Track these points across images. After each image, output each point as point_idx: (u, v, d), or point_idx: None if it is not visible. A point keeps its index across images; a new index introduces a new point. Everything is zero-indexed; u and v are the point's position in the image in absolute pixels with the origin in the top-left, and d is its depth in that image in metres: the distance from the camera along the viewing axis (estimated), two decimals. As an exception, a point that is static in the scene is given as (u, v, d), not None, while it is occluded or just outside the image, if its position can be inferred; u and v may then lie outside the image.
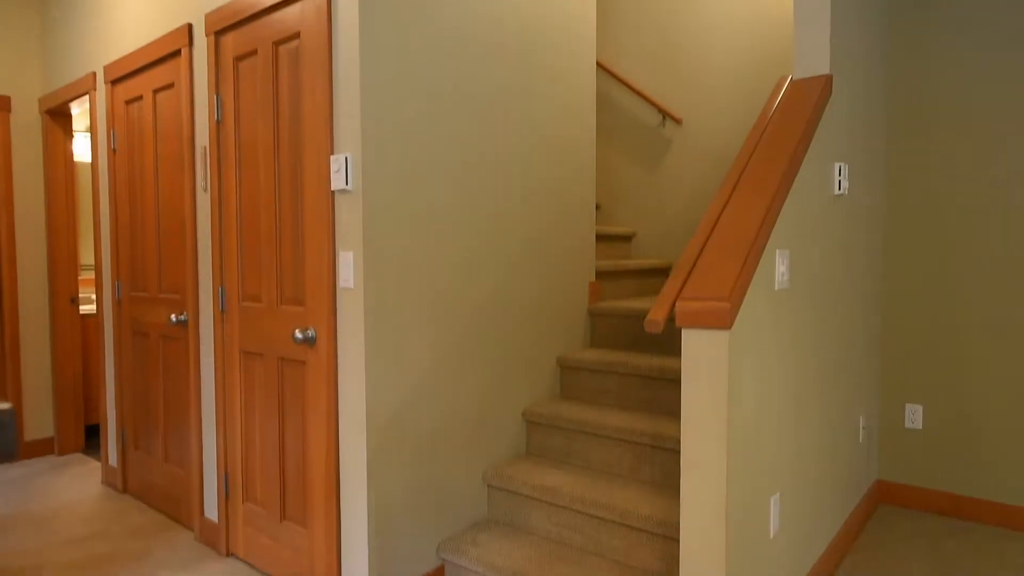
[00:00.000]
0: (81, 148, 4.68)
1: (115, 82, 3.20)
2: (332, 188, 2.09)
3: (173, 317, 2.83)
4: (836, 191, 2.33)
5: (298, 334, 2.18)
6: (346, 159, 2.03)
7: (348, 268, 2.07)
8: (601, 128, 4.13)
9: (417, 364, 2.21)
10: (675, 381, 2.51)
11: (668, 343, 2.77)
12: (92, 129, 3.42)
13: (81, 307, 4.40)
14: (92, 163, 3.44)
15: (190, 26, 2.66)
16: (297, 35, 2.20)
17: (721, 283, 1.63)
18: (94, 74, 3.34)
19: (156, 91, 2.94)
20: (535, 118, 2.66)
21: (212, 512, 2.73)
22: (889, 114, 2.94)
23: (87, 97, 3.47)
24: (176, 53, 2.78)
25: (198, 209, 2.72)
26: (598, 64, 4.00)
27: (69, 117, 3.93)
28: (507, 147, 2.53)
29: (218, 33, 2.52)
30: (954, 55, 2.78)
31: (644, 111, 3.96)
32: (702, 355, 1.63)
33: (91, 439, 4.31)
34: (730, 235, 1.77)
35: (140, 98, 3.05)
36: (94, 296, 4.66)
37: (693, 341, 1.65)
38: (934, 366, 2.87)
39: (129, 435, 3.29)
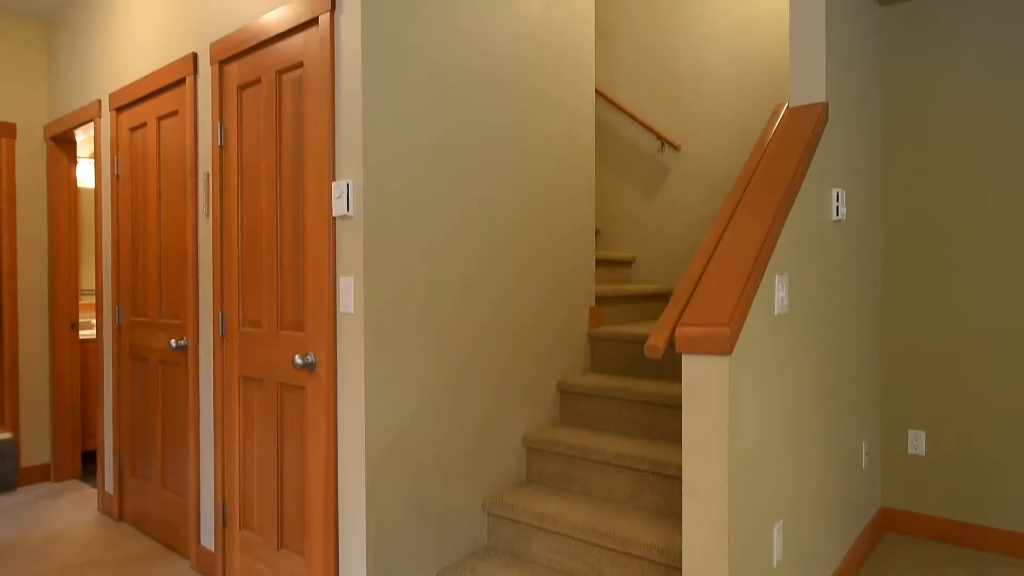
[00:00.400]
0: (84, 174, 4.71)
1: (120, 109, 3.24)
2: (333, 214, 2.10)
3: (173, 342, 2.83)
4: (834, 216, 2.35)
5: (298, 359, 2.18)
6: (348, 185, 2.05)
7: (348, 293, 2.07)
8: (601, 154, 4.17)
9: (417, 389, 2.20)
10: (676, 407, 2.50)
11: (668, 368, 2.76)
12: (96, 155, 3.45)
13: (81, 332, 4.40)
14: (95, 189, 3.46)
15: (195, 55, 2.70)
16: (300, 64, 2.24)
17: (721, 308, 1.63)
18: (99, 101, 3.38)
19: (160, 118, 2.97)
20: (535, 145, 2.69)
21: (209, 540, 2.70)
22: (887, 136, 2.97)
23: (92, 124, 3.51)
24: (181, 81, 2.82)
25: (200, 234, 2.74)
26: (598, 92, 4.05)
27: (73, 143, 3.97)
28: (507, 173, 2.55)
29: (223, 62, 2.56)
30: (950, 73, 2.82)
31: (643, 138, 4.00)
32: (702, 381, 1.63)
33: (87, 466, 4.27)
34: (729, 260, 1.78)
35: (144, 125, 3.08)
36: (94, 321, 4.65)
37: (693, 367, 1.65)
38: (936, 391, 2.86)
39: (126, 462, 3.26)
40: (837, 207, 2.36)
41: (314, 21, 2.16)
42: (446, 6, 2.28)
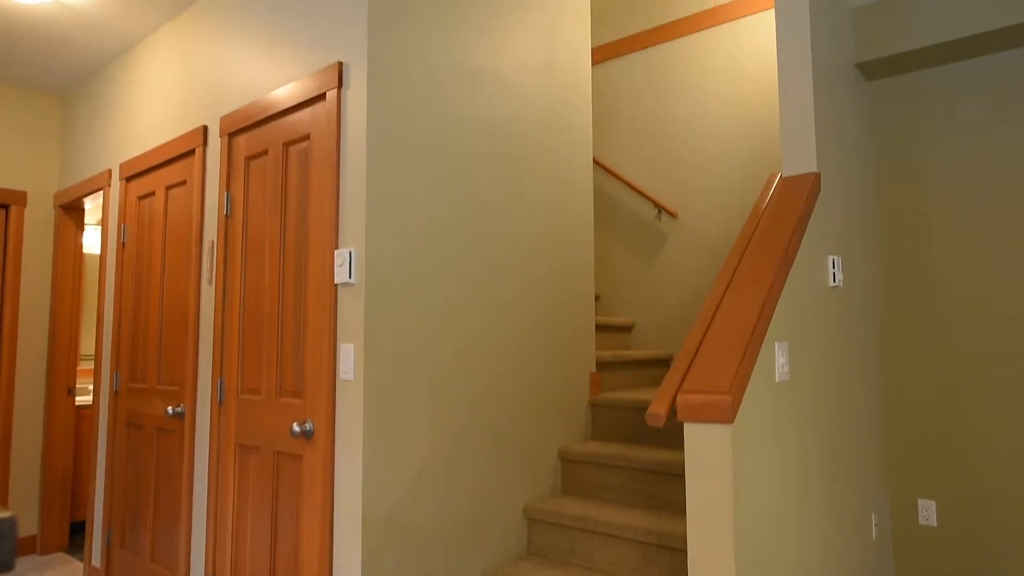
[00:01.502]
0: (90, 240, 4.78)
1: (130, 179, 3.32)
2: (335, 281, 2.12)
3: (170, 409, 2.80)
4: (831, 283, 2.37)
5: (296, 427, 2.15)
6: (350, 253, 2.08)
7: (349, 360, 2.07)
8: (600, 221, 4.25)
9: (415, 458, 2.16)
10: (680, 475, 2.45)
11: (671, 434, 2.72)
12: (104, 223, 3.51)
13: (77, 398, 4.36)
14: (101, 256, 3.51)
15: (205, 128, 2.79)
16: (307, 137, 2.31)
17: (722, 376, 1.63)
18: (110, 171, 3.47)
19: (169, 187, 3.04)
20: (534, 215, 2.74)
21: (197, 618, 2.60)
22: (880, 204, 3.03)
23: (101, 192, 3.59)
24: (190, 152, 2.90)
25: (202, 301, 2.75)
26: (596, 162, 4.16)
27: (82, 211, 4.04)
28: (507, 242, 2.59)
29: (232, 134, 2.64)
30: (937, 143, 2.90)
31: (641, 205, 4.08)
32: (705, 450, 1.61)
33: (75, 537, 4.14)
34: (729, 327, 1.79)
35: (152, 194, 3.15)
36: (91, 387, 4.62)
37: (696, 436, 1.63)
38: (944, 458, 2.81)
39: (116, 533, 3.17)
40: (834, 273, 2.38)
41: (321, 97, 2.25)
42: (448, 84, 2.37)
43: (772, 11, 3.65)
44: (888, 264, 3.00)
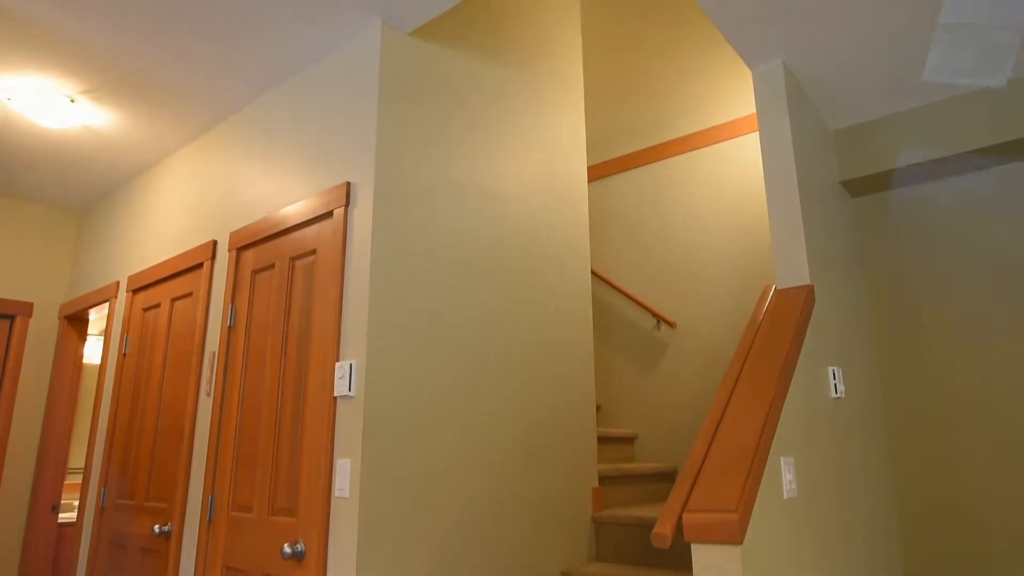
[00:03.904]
0: (91, 350, 4.78)
1: (136, 291, 3.38)
2: (335, 394, 2.11)
3: (156, 528, 2.69)
4: (833, 394, 2.35)
5: (287, 548, 2.06)
6: (351, 366, 2.08)
7: (345, 476, 2.02)
8: (600, 331, 4.27)
9: (411, 583, 2.06)
10: (689, 601, 2.32)
11: (680, 554, 2.60)
12: (107, 334, 3.53)
13: (61, 514, 4.19)
14: (101, 366, 3.50)
15: (215, 242, 2.88)
16: (313, 252, 2.38)
17: (727, 493, 1.59)
18: (117, 283, 3.53)
19: (174, 299, 3.09)
20: (534, 326, 2.77)
21: None
22: (874, 314, 3.06)
23: (107, 304, 3.64)
24: (198, 266, 2.97)
25: (198, 414, 2.72)
26: (595, 273, 4.25)
27: (86, 322, 4.08)
28: (507, 352, 2.60)
29: (240, 249, 2.72)
30: (923, 254, 2.97)
31: (640, 315, 4.12)
32: (714, 573, 1.54)
33: (42, 671, 3.84)
34: (732, 442, 1.76)
35: (158, 306, 3.20)
36: (76, 503, 4.46)
37: (704, 557, 1.56)
38: (965, 573, 2.66)
39: (86, 667, 2.95)
40: (835, 384, 2.37)
41: (329, 214, 2.34)
42: (450, 201, 2.48)
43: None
44: (888, 371, 2.99)
